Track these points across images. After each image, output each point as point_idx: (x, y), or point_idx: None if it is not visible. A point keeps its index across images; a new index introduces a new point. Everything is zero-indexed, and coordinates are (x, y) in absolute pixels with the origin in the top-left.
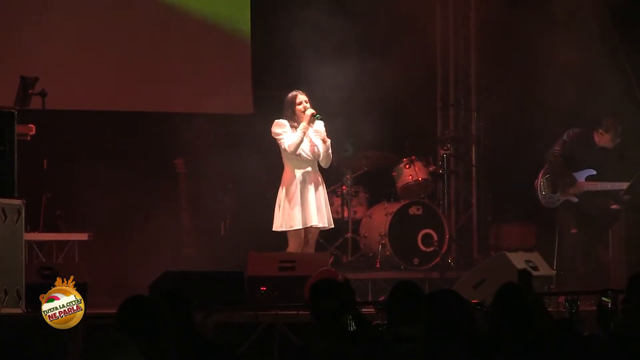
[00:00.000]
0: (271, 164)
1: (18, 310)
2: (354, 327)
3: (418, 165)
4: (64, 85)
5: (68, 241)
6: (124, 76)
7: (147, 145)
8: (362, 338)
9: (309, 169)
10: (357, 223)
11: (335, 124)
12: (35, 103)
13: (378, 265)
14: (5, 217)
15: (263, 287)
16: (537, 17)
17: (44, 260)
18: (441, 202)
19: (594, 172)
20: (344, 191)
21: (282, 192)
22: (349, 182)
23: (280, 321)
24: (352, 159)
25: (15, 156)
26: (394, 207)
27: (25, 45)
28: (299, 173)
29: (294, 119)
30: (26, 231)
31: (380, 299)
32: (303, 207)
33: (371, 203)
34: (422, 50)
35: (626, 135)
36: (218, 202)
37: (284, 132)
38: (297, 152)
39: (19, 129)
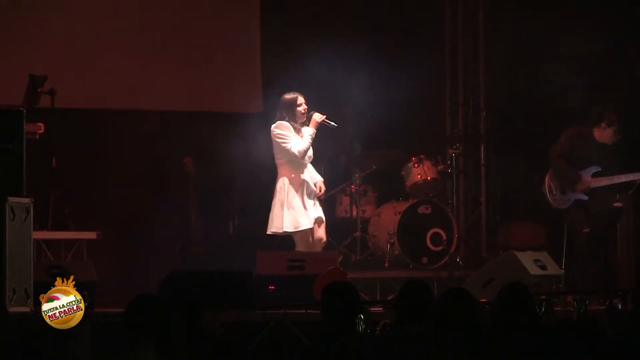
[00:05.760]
0: None
1: (26, 309)
2: (363, 326)
3: (427, 164)
4: (73, 84)
5: (76, 240)
6: (132, 74)
7: (156, 143)
8: (370, 337)
9: (307, 169)
10: (365, 222)
11: (343, 123)
12: (44, 101)
13: (387, 264)
14: (14, 216)
15: (271, 286)
16: (546, 16)
17: (52, 258)
18: (450, 201)
19: (599, 169)
20: (353, 190)
21: (283, 194)
22: (357, 181)
23: (289, 320)
24: (360, 158)
25: (24, 155)
26: (402, 206)
27: (34, 44)
28: (302, 175)
29: (294, 120)
30: (35, 230)
31: (389, 298)
32: (307, 209)
33: (380, 202)
34: (431, 49)
35: (632, 129)
36: (227, 201)
37: (292, 136)
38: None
39: (27, 127)
